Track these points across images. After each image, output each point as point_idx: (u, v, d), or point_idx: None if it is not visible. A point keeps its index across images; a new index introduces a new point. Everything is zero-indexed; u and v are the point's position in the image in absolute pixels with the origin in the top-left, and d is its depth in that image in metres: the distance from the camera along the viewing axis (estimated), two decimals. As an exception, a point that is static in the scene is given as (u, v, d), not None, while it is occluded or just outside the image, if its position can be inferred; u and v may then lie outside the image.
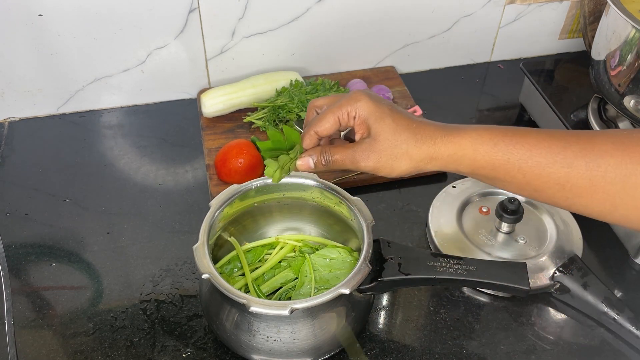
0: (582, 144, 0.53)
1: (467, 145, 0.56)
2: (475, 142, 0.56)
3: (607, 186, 0.53)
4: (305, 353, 0.66)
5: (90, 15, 0.93)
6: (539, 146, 0.55)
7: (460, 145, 0.57)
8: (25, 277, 0.79)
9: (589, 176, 0.53)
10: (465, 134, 0.57)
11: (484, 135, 0.56)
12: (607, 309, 0.72)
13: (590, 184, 0.53)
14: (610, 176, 0.52)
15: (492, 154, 0.56)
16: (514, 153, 0.55)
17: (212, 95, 0.99)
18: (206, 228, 0.68)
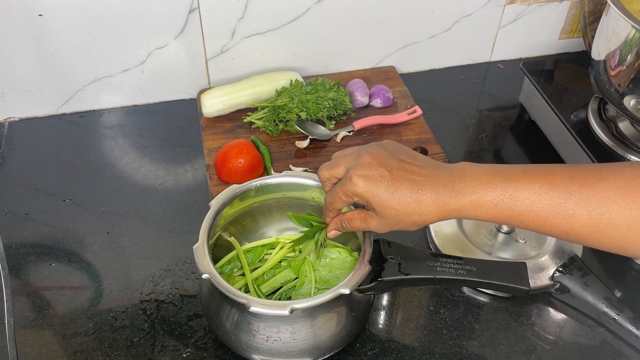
0: (584, 192, 0.53)
1: (469, 209, 0.57)
2: (476, 206, 0.56)
3: (612, 232, 0.53)
4: (305, 353, 0.66)
5: (90, 15, 0.93)
6: (540, 200, 0.54)
7: (462, 210, 0.57)
8: (25, 277, 0.79)
9: (592, 224, 0.53)
10: (465, 198, 0.57)
11: (484, 197, 0.56)
12: (607, 309, 0.72)
13: (594, 231, 0.53)
14: (614, 223, 0.52)
15: (494, 214, 0.57)
16: (515, 210, 0.55)
17: (212, 95, 0.99)
18: (206, 228, 0.68)
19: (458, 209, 0.57)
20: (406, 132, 0.99)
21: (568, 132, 0.91)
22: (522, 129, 1.04)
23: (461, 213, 0.57)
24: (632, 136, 0.88)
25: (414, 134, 0.98)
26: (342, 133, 0.97)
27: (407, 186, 0.57)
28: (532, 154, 0.99)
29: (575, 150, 0.90)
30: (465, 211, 0.57)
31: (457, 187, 0.57)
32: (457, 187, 0.57)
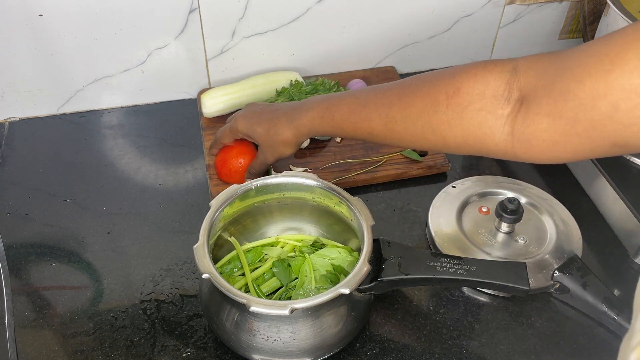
0: (378, 102, 0.69)
1: (307, 122, 0.75)
2: (311, 119, 0.75)
3: (395, 128, 0.68)
4: (305, 353, 0.66)
5: (90, 15, 0.93)
6: (350, 111, 0.71)
7: (305, 124, 0.76)
8: (26, 277, 0.79)
9: (383, 123, 0.68)
10: (306, 114, 0.75)
11: (315, 112, 0.75)
12: (607, 309, 0.72)
13: (385, 129, 0.69)
14: (396, 120, 0.67)
15: (323, 124, 0.74)
16: (335, 119, 0.73)
17: (212, 95, 0.99)
18: (206, 228, 0.68)
19: (303, 124, 0.75)
20: (406, 132, 0.99)
21: (568, 132, 0.91)
22: (522, 129, 1.04)
23: (305, 127, 0.75)
24: (631, 136, 0.88)
25: (414, 134, 0.98)
26: None
27: (268, 116, 0.79)
28: (532, 154, 0.99)
29: (575, 150, 0.90)
30: (307, 125, 0.75)
31: (301, 109, 0.76)
32: (301, 108, 0.76)
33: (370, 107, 0.70)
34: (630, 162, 0.86)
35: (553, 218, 0.82)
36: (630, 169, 0.85)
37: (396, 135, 0.68)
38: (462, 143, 0.63)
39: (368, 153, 0.94)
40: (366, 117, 0.70)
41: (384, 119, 0.68)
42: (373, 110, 0.69)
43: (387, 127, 0.68)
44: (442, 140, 0.64)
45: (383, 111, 0.68)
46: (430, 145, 0.67)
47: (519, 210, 0.77)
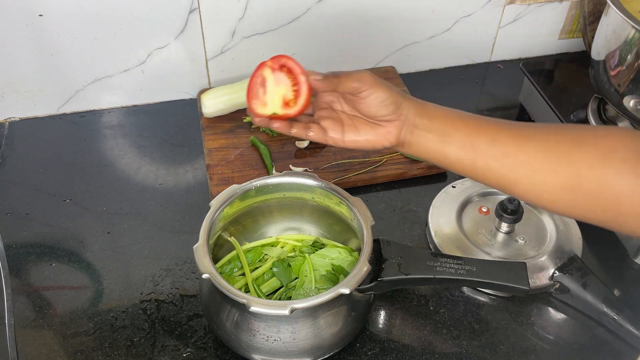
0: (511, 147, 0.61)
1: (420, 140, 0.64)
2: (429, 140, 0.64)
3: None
4: (305, 353, 0.66)
5: (90, 16, 0.93)
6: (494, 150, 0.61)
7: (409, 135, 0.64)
8: (26, 277, 0.79)
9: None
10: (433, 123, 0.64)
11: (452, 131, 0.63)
12: (607, 309, 0.72)
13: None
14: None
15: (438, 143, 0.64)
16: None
17: (212, 95, 0.99)
18: (206, 228, 0.68)
19: (418, 132, 0.64)
20: (406, 132, 0.99)
21: (568, 132, 0.91)
22: (522, 129, 1.04)
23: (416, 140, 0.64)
24: (631, 136, 0.88)
25: (414, 134, 0.98)
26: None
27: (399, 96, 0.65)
28: (532, 154, 0.99)
29: (575, 150, 0.90)
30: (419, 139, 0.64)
31: (425, 114, 0.64)
32: (426, 114, 0.64)
33: (520, 156, 0.60)
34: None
35: (553, 218, 0.82)
36: (630, 169, 0.85)
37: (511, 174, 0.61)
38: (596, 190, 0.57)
39: (368, 153, 0.94)
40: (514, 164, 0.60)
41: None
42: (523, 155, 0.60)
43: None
44: (576, 180, 0.58)
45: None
46: (553, 182, 0.59)
47: (519, 210, 0.77)
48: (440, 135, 0.63)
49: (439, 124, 0.63)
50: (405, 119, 0.63)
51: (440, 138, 0.63)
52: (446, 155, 0.63)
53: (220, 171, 0.92)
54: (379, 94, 0.62)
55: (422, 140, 0.63)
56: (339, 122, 0.65)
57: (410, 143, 0.64)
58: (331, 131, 0.64)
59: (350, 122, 0.65)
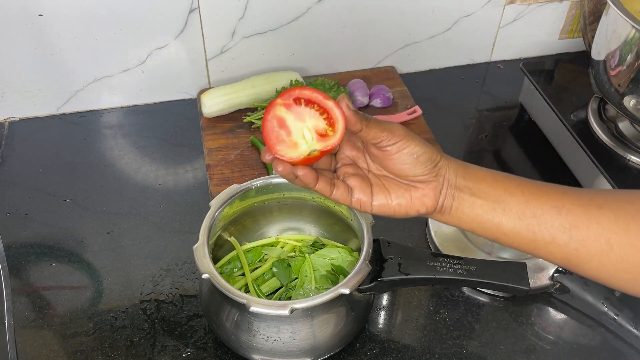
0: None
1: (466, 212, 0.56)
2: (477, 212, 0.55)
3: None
4: (305, 353, 0.66)
5: (90, 15, 0.93)
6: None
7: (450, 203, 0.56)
8: (26, 277, 0.79)
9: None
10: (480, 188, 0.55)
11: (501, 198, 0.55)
12: (607, 309, 0.72)
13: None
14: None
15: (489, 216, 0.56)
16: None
17: (212, 95, 0.99)
18: (206, 228, 0.68)
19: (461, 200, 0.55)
20: (406, 132, 0.98)
21: (568, 132, 0.91)
22: (522, 129, 1.04)
23: (460, 212, 0.56)
24: (632, 136, 0.88)
25: (414, 134, 0.98)
26: None
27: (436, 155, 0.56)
28: (532, 154, 0.99)
29: (575, 150, 0.90)
30: (465, 212, 0.56)
31: (471, 175, 0.56)
32: (471, 175, 0.56)
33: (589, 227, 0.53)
34: (630, 162, 0.86)
35: (553, 218, 0.82)
36: (631, 169, 0.85)
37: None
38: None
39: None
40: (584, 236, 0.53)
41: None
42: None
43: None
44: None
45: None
46: (635, 260, 0.53)
47: (519, 210, 0.77)
48: (492, 202, 0.54)
49: (488, 187, 0.55)
50: (445, 180, 0.55)
51: (492, 205, 0.54)
52: (500, 226, 0.54)
53: (220, 171, 0.92)
54: (411, 148, 0.53)
55: (468, 207, 0.55)
56: (367, 182, 0.56)
57: (452, 209, 0.55)
58: (358, 192, 0.56)
59: (380, 183, 0.56)
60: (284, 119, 0.53)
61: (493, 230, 0.55)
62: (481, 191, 0.55)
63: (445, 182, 0.55)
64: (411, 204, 0.55)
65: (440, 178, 0.55)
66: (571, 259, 0.54)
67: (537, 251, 0.55)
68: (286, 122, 0.53)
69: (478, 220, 0.55)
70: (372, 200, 0.56)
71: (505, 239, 0.55)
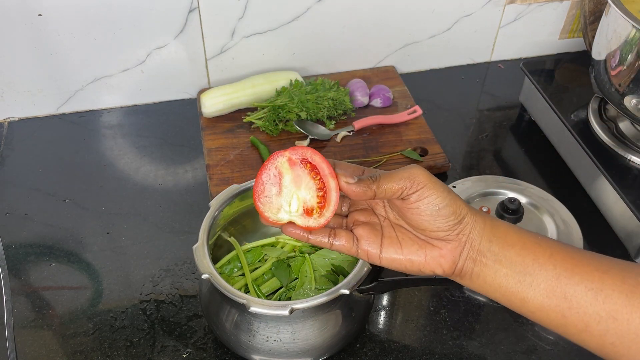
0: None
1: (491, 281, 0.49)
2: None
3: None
4: (305, 353, 0.66)
5: (90, 15, 0.93)
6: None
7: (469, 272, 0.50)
8: (25, 277, 0.79)
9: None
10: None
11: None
12: (608, 309, 0.72)
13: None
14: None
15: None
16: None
17: (212, 95, 0.98)
18: (206, 228, 0.68)
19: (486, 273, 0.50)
20: (406, 132, 0.98)
21: (568, 132, 0.91)
22: (523, 129, 1.04)
23: (485, 282, 0.50)
24: (632, 136, 0.88)
25: (414, 134, 0.98)
26: (342, 133, 0.97)
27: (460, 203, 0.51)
28: (532, 154, 0.99)
29: (575, 150, 0.90)
30: (488, 283, 0.50)
31: (499, 241, 0.50)
32: (500, 241, 0.50)
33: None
34: (630, 162, 0.86)
35: (554, 218, 0.82)
36: (631, 169, 0.85)
37: None
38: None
39: (368, 153, 0.94)
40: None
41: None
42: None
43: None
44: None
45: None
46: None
47: (519, 210, 0.77)
48: (518, 273, 0.48)
49: (515, 254, 0.49)
50: (467, 240, 0.49)
51: (517, 277, 0.48)
52: (525, 301, 0.49)
53: (219, 171, 0.92)
54: (433, 197, 0.48)
55: (491, 275, 0.49)
56: (378, 232, 0.52)
57: (472, 275, 0.50)
58: (365, 242, 0.52)
59: (393, 235, 0.52)
60: (282, 175, 0.51)
61: (518, 305, 0.49)
62: (507, 259, 0.49)
63: (468, 243, 0.49)
64: (425, 263, 0.50)
65: (462, 238, 0.49)
66: (608, 352, 0.47)
67: (568, 336, 0.49)
68: (282, 179, 0.51)
69: (501, 291, 0.49)
70: (381, 252, 0.51)
71: (532, 315, 0.49)
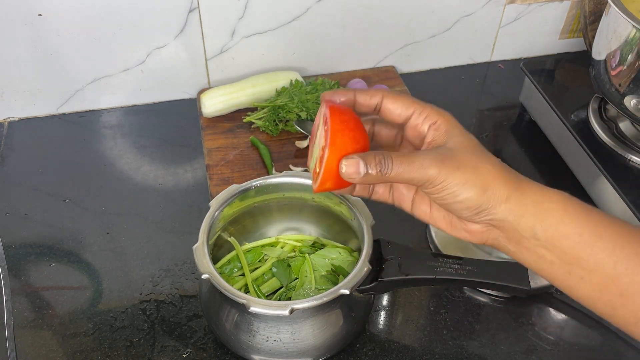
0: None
1: (550, 210, 0.46)
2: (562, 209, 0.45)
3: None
4: (305, 353, 0.66)
5: (90, 15, 0.93)
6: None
7: (537, 209, 0.46)
8: (25, 278, 0.79)
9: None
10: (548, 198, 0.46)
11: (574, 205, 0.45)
12: (608, 309, 0.72)
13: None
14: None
15: (583, 223, 0.45)
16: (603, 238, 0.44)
17: (212, 95, 0.98)
18: (206, 228, 0.68)
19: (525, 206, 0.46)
20: (406, 132, 0.98)
21: (568, 132, 0.91)
22: (523, 128, 1.04)
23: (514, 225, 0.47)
24: (632, 136, 0.88)
25: (414, 134, 0.98)
26: None
27: (493, 160, 0.49)
28: (533, 154, 0.99)
29: (575, 150, 0.90)
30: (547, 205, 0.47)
31: (525, 190, 0.48)
32: (526, 190, 0.48)
33: None
34: (631, 162, 0.85)
35: (554, 218, 0.82)
36: (631, 169, 0.85)
37: None
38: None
39: (368, 153, 0.94)
40: None
41: None
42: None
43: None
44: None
45: None
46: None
47: (519, 210, 0.77)
48: (568, 264, 0.46)
49: (568, 247, 0.45)
50: (499, 225, 0.47)
51: (566, 267, 0.46)
52: (571, 289, 0.48)
53: (219, 171, 0.91)
54: (458, 192, 0.45)
55: (533, 259, 0.47)
56: (411, 186, 0.51)
57: (509, 252, 0.49)
58: (400, 192, 0.52)
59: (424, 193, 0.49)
60: (318, 127, 0.49)
61: (562, 288, 0.48)
62: (557, 249, 0.45)
63: (500, 229, 0.47)
64: (452, 231, 0.49)
65: (492, 222, 0.46)
66: None
67: (615, 323, 0.48)
68: (318, 128, 0.49)
69: (543, 274, 0.47)
70: (412, 206, 0.51)
71: (576, 299, 0.48)
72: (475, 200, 0.46)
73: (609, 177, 0.83)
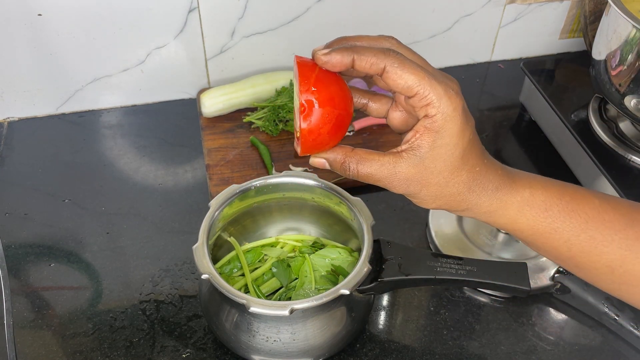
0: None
1: (512, 204, 0.50)
2: (523, 203, 0.49)
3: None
4: (305, 353, 0.66)
5: (89, 15, 0.93)
6: (598, 219, 0.48)
7: (504, 203, 0.50)
8: (25, 278, 0.79)
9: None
10: (517, 192, 0.50)
11: (537, 195, 0.49)
12: (608, 309, 0.72)
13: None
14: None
15: (539, 221, 0.49)
16: (566, 222, 0.48)
17: (211, 95, 0.98)
18: (206, 228, 0.68)
19: (495, 209, 0.50)
20: (406, 132, 0.98)
21: (568, 132, 0.91)
22: (523, 128, 1.04)
23: (494, 213, 0.51)
24: (632, 136, 0.88)
25: (414, 134, 0.98)
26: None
27: (475, 161, 0.50)
28: (533, 153, 0.99)
29: (575, 150, 0.90)
30: (505, 209, 0.51)
31: (507, 185, 0.51)
32: (507, 184, 0.51)
33: (637, 229, 0.47)
34: (630, 162, 0.85)
35: (554, 218, 0.82)
36: (631, 169, 0.85)
37: None
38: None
39: (368, 153, 0.94)
40: (625, 244, 0.48)
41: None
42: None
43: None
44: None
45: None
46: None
47: (519, 210, 0.77)
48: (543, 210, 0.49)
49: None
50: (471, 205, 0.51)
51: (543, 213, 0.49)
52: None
53: (219, 171, 0.91)
54: (428, 204, 0.50)
55: (514, 212, 0.50)
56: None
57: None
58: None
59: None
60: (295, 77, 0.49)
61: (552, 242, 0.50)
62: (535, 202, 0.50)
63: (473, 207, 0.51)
64: None
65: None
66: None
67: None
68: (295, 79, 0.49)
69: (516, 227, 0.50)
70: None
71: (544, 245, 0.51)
72: (438, 207, 0.52)
73: (609, 177, 0.83)
